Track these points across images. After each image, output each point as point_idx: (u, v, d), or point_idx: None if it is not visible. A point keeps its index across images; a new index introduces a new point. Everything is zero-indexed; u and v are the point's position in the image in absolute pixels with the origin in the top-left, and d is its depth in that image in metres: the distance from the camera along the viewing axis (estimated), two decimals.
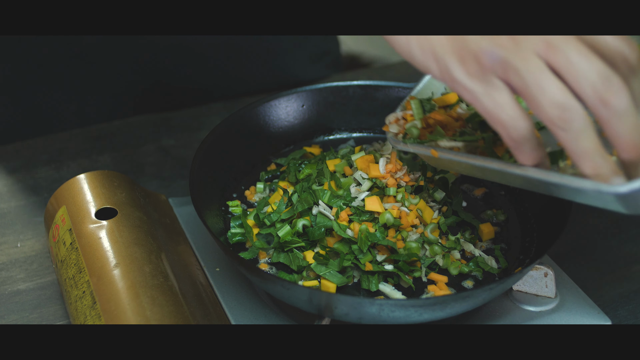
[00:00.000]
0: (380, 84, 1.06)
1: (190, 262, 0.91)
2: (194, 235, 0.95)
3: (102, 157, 1.18)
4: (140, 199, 0.94)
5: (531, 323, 0.86)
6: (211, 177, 0.95)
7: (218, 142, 0.97)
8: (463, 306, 0.79)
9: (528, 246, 0.91)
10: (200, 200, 0.88)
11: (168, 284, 0.82)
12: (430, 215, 0.90)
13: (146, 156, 1.18)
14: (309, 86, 1.05)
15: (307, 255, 0.87)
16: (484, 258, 0.89)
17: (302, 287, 0.78)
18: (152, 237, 0.88)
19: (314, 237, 0.87)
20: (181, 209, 0.99)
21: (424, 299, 0.76)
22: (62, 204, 0.92)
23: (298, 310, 0.86)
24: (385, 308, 0.76)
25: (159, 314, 0.78)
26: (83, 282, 0.82)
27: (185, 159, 1.17)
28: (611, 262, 0.99)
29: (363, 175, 0.92)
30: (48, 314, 0.92)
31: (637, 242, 1.02)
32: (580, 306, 0.88)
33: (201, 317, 0.82)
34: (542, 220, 0.92)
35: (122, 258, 0.83)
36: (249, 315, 0.86)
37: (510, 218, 0.95)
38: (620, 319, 0.91)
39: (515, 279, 0.81)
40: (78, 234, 0.87)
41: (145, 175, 1.14)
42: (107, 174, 0.95)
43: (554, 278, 0.87)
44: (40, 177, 1.13)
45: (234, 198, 0.97)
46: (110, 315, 0.77)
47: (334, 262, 0.85)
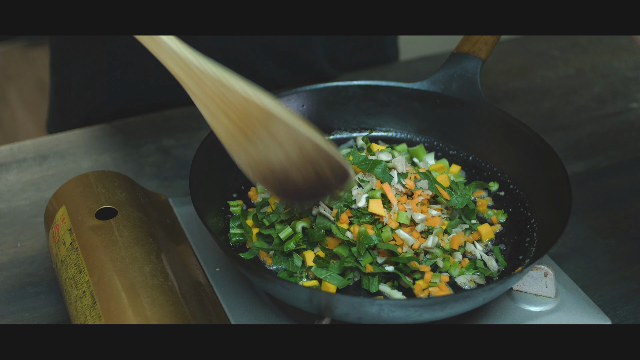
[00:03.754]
0: (380, 84, 1.06)
1: (190, 262, 0.91)
2: (194, 235, 0.95)
3: (102, 157, 1.18)
4: (140, 199, 0.94)
5: (531, 323, 0.86)
6: (211, 177, 0.95)
7: (218, 142, 0.96)
8: (463, 306, 0.79)
9: (528, 246, 0.91)
10: (200, 200, 0.88)
11: (168, 284, 0.82)
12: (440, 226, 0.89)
13: (146, 156, 1.18)
14: (309, 86, 1.05)
15: (307, 256, 0.87)
16: (484, 259, 0.89)
17: (302, 287, 0.78)
18: (152, 237, 0.88)
19: (314, 238, 0.87)
20: (181, 209, 0.99)
21: (424, 299, 0.76)
22: (62, 204, 0.92)
23: (298, 310, 0.86)
24: (385, 308, 0.76)
25: (159, 314, 0.78)
26: (83, 282, 0.82)
27: (185, 159, 1.17)
28: (611, 262, 0.99)
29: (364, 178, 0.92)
30: (48, 314, 0.92)
31: (637, 242, 1.02)
32: (580, 306, 0.88)
33: (201, 317, 0.82)
34: (542, 220, 0.92)
35: (122, 258, 0.83)
36: (249, 315, 0.86)
37: (510, 218, 0.95)
38: (620, 319, 0.91)
39: (515, 279, 0.81)
40: (78, 234, 0.87)
41: (145, 175, 1.14)
42: (107, 174, 0.95)
43: (554, 278, 0.87)
44: (40, 177, 1.13)
45: (234, 198, 0.97)
46: (110, 315, 0.77)
47: (334, 265, 0.85)
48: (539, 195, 0.94)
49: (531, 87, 1.37)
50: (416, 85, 1.05)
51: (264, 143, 0.80)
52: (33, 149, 1.19)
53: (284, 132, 0.79)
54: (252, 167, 0.83)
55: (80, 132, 1.24)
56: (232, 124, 0.80)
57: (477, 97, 1.02)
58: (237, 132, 0.80)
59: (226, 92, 0.78)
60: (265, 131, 0.79)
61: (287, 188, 0.84)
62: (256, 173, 0.84)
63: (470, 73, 1.03)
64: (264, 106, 0.78)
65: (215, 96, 0.78)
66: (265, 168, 0.83)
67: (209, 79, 0.77)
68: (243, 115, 0.79)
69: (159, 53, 0.77)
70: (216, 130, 0.82)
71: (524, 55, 1.47)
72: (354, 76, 1.37)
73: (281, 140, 0.80)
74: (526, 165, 0.97)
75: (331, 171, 0.83)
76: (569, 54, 1.47)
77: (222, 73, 0.77)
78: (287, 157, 0.81)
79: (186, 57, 0.76)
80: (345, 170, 0.83)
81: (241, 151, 0.82)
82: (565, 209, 0.86)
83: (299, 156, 0.81)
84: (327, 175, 0.83)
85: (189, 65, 0.77)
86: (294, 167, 0.82)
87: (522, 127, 0.98)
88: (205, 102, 0.79)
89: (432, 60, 1.44)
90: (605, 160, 1.18)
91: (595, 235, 1.03)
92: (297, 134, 0.79)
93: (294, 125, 0.79)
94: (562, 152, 1.18)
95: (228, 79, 0.77)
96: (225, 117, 0.79)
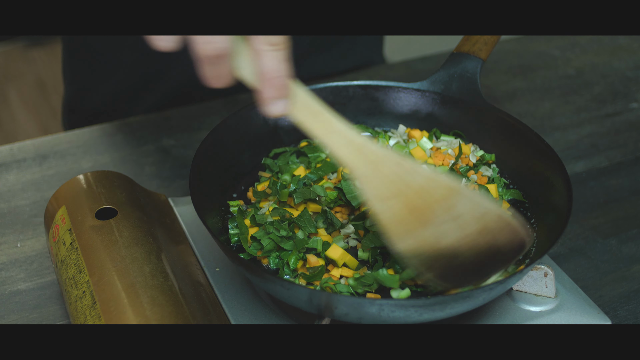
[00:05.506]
0: (380, 84, 1.06)
1: (190, 262, 0.91)
2: (194, 235, 0.95)
3: (102, 157, 1.18)
4: (140, 199, 0.94)
5: (531, 323, 0.86)
6: (211, 177, 0.95)
7: (218, 142, 0.97)
8: (463, 306, 0.79)
9: None
10: (200, 200, 0.88)
11: (168, 284, 0.82)
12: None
13: (146, 156, 1.18)
14: (309, 86, 1.05)
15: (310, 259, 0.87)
16: None
17: (302, 287, 0.78)
18: (152, 237, 0.88)
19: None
20: (181, 209, 0.99)
21: (423, 299, 0.75)
22: (62, 204, 0.92)
23: (298, 310, 0.86)
24: (385, 308, 0.76)
25: (159, 314, 0.78)
26: (83, 282, 0.82)
27: (185, 159, 1.17)
28: (611, 262, 0.99)
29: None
30: (48, 314, 0.92)
31: (637, 242, 1.02)
32: (580, 306, 0.88)
33: (201, 317, 0.82)
34: (542, 220, 0.92)
35: (122, 258, 0.83)
36: (249, 315, 0.86)
37: None
38: (620, 319, 0.91)
39: (515, 279, 0.81)
40: (78, 234, 0.87)
41: (145, 175, 1.14)
42: (107, 174, 0.95)
43: (553, 278, 0.87)
44: (40, 177, 1.13)
45: (234, 198, 0.98)
46: (110, 315, 0.77)
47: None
48: (539, 195, 0.94)
49: (531, 87, 1.37)
50: (416, 85, 1.05)
51: (439, 223, 0.76)
52: (33, 149, 1.19)
53: (466, 208, 0.76)
54: (417, 252, 0.78)
55: (80, 132, 1.24)
56: (406, 207, 0.76)
57: (477, 97, 1.02)
58: (409, 215, 0.76)
59: (404, 174, 0.74)
60: (444, 210, 0.76)
61: (451, 268, 0.80)
62: (422, 258, 0.79)
63: (470, 73, 1.03)
64: (447, 184, 0.76)
65: (391, 180, 0.74)
66: (432, 251, 0.78)
67: (386, 162, 0.74)
68: (422, 196, 0.75)
69: (329, 139, 0.73)
70: (382, 218, 0.77)
71: (524, 55, 1.47)
72: (354, 76, 1.37)
73: (461, 218, 0.76)
74: (526, 165, 0.97)
75: (508, 243, 0.78)
76: (569, 54, 1.47)
77: (396, 154, 0.74)
78: (463, 235, 0.77)
79: (360, 142, 0.73)
80: (523, 240, 0.79)
81: (408, 236, 0.77)
82: (565, 209, 0.86)
83: (477, 231, 0.77)
84: (500, 249, 0.79)
85: (363, 151, 0.73)
86: (467, 244, 0.78)
87: (522, 127, 0.98)
88: (378, 187, 0.75)
89: (432, 60, 1.44)
90: (605, 160, 1.18)
91: (595, 235, 1.03)
92: (481, 207, 0.77)
93: (477, 199, 0.77)
94: (562, 152, 1.18)
95: (404, 159, 0.74)
96: (398, 202, 0.75)
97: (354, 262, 0.86)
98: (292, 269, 0.86)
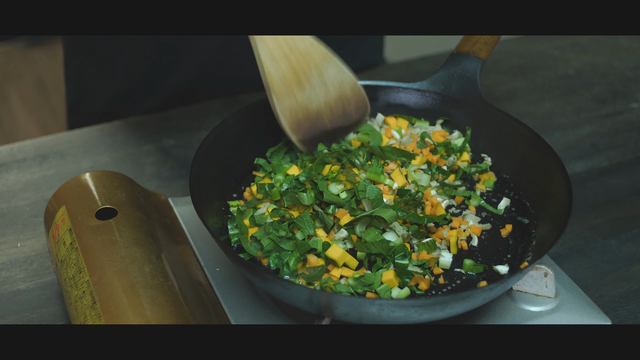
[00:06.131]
0: (380, 84, 1.06)
1: (190, 262, 0.91)
2: (194, 235, 0.95)
3: (102, 157, 1.18)
4: (140, 199, 0.94)
5: (531, 323, 0.86)
6: (211, 177, 0.95)
7: (218, 142, 0.97)
8: (463, 306, 0.79)
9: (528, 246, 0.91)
10: (200, 200, 0.88)
11: (168, 284, 0.82)
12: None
13: (146, 156, 1.18)
14: None
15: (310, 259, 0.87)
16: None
17: (302, 287, 0.78)
18: (152, 237, 0.88)
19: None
20: (181, 209, 0.99)
21: (423, 299, 0.76)
22: (62, 204, 0.92)
23: (298, 310, 0.86)
24: (385, 308, 0.76)
25: (159, 314, 0.78)
26: (83, 282, 0.82)
27: (185, 159, 1.17)
28: (611, 262, 0.99)
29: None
30: (48, 314, 0.92)
31: (637, 242, 1.02)
32: (580, 306, 0.88)
33: (201, 317, 0.82)
34: (542, 220, 0.92)
35: (122, 258, 0.83)
36: (249, 315, 0.86)
37: (510, 218, 0.95)
38: (620, 319, 0.91)
39: (515, 279, 0.81)
40: (78, 234, 0.87)
41: (145, 175, 1.14)
42: (107, 174, 0.95)
43: (553, 278, 0.87)
44: (40, 177, 1.13)
45: (234, 198, 0.98)
46: (110, 315, 0.77)
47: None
48: (539, 195, 0.94)
49: (531, 87, 1.37)
50: (416, 85, 1.05)
51: (312, 86, 0.95)
52: (33, 149, 1.19)
53: (333, 73, 0.96)
54: (292, 112, 0.95)
55: (80, 132, 1.24)
56: (290, 68, 0.93)
57: (477, 97, 1.02)
58: (292, 77, 0.93)
59: (295, 38, 0.92)
60: (318, 73, 0.95)
61: (315, 131, 0.97)
62: (293, 119, 0.95)
63: (470, 73, 1.03)
64: (324, 50, 0.95)
65: (284, 42, 0.92)
66: (302, 113, 0.96)
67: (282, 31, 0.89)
68: (304, 59, 0.93)
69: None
70: (271, 77, 0.92)
71: (524, 55, 1.47)
72: None
73: (329, 81, 0.96)
74: (526, 165, 0.97)
75: (355, 107, 0.99)
76: (569, 54, 1.47)
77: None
78: (327, 98, 0.96)
79: None
80: (367, 104, 1.00)
81: (288, 97, 0.94)
82: (565, 209, 0.86)
83: (338, 95, 0.97)
84: (351, 112, 0.99)
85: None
86: (328, 107, 0.97)
87: (522, 127, 0.98)
88: (271, 48, 0.91)
89: (432, 60, 1.44)
90: (605, 160, 1.18)
91: (595, 235, 1.03)
92: (343, 73, 0.97)
93: (342, 66, 0.96)
94: (562, 152, 1.18)
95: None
96: (286, 62, 0.93)
97: (354, 262, 0.86)
98: (292, 270, 0.86)
